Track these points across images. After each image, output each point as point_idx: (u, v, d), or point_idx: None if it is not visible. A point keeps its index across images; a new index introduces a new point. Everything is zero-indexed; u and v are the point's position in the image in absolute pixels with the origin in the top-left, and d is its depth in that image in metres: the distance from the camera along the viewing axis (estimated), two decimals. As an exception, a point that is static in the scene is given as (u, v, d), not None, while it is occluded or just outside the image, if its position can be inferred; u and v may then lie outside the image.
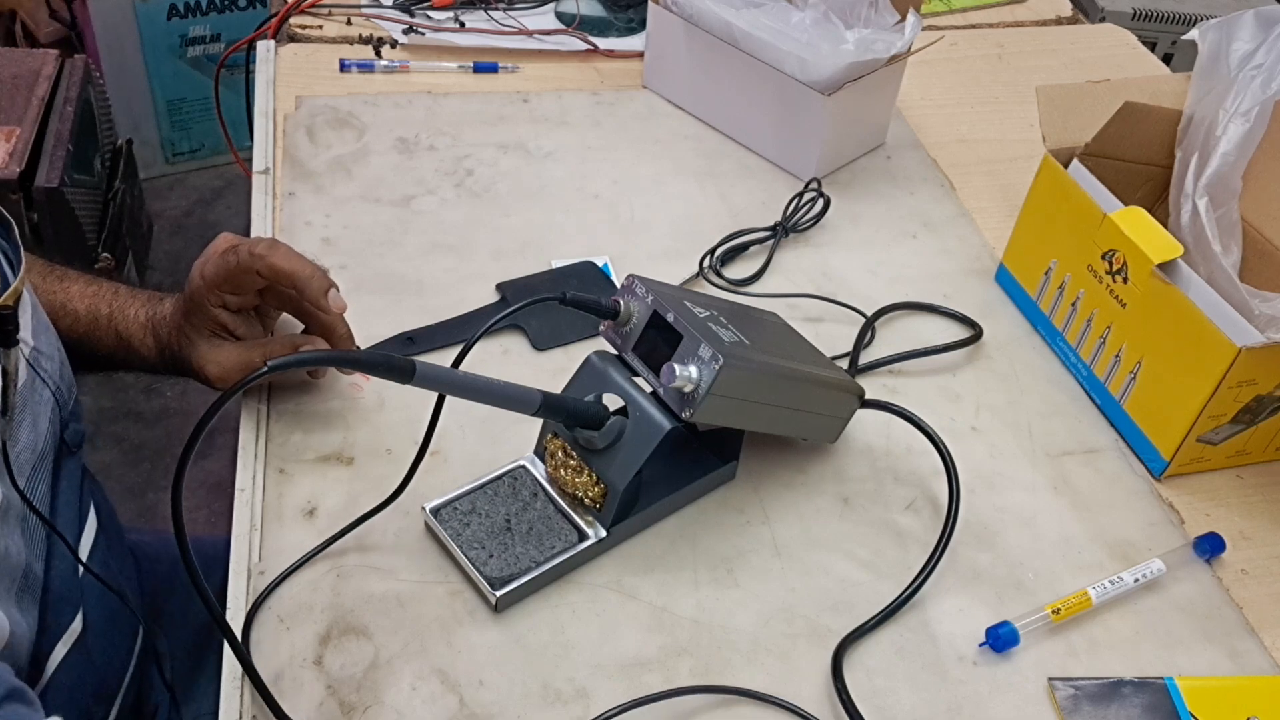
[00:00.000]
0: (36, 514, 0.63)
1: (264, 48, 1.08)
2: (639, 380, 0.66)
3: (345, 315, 0.72)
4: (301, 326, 0.75)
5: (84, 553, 0.70)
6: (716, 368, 0.61)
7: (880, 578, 0.69)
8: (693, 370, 0.61)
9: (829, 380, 0.72)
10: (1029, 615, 0.66)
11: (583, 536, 0.66)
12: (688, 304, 0.66)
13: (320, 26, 1.12)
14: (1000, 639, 0.65)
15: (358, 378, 0.76)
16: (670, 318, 0.64)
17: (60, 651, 0.66)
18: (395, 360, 0.54)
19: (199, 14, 2.12)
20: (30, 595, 0.63)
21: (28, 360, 0.63)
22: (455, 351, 0.65)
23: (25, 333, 0.64)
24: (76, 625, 0.67)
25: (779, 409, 0.68)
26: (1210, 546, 0.72)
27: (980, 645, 0.65)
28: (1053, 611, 0.66)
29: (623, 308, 0.66)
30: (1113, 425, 0.81)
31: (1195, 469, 0.78)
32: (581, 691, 0.61)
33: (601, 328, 0.68)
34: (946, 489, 0.70)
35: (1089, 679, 0.64)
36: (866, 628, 0.65)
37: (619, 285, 0.67)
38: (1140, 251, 0.74)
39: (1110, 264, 0.78)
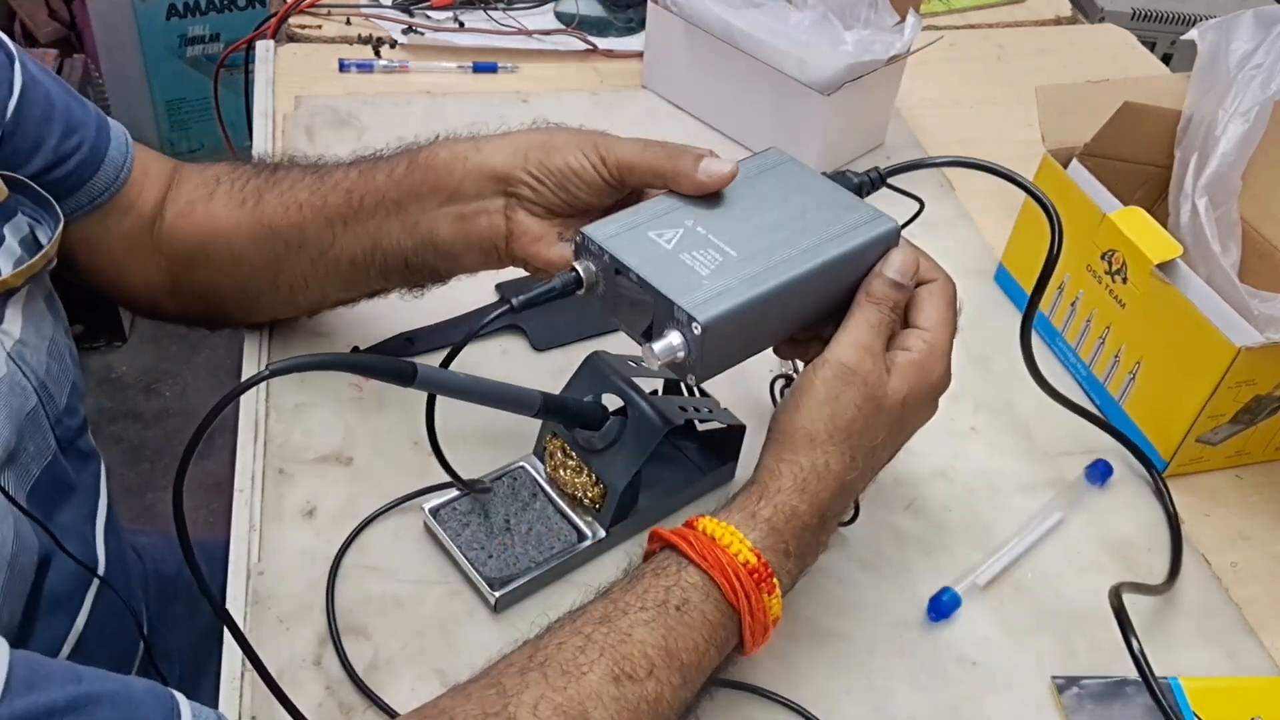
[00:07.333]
0: (16, 506, 0.59)
1: (263, 47, 1.08)
2: (638, 380, 0.66)
3: (345, 316, 0.70)
4: None
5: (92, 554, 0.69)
6: (697, 332, 0.54)
7: (880, 578, 0.68)
8: (674, 337, 0.55)
9: (842, 256, 0.60)
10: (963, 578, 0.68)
11: (582, 537, 0.66)
12: (652, 235, 0.58)
13: (319, 26, 1.12)
14: (942, 606, 0.66)
15: (357, 379, 0.76)
16: (633, 275, 0.56)
17: (63, 654, 0.65)
18: (396, 364, 0.54)
19: (198, 14, 2.12)
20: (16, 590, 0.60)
21: (9, 353, 0.61)
22: (455, 351, 0.65)
23: (11, 324, 0.62)
24: (79, 625, 0.66)
25: (792, 319, 0.61)
26: (1101, 473, 0.76)
27: (930, 617, 0.66)
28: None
29: (583, 273, 0.59)
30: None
31: (1194, 469, 0.78)
32: (581, 692, 0.61)
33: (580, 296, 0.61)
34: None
35: (1092, 678, 0.64)
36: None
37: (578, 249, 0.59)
38: (1139, 251, 0.74)
39: (1109, 264, 0.78)
